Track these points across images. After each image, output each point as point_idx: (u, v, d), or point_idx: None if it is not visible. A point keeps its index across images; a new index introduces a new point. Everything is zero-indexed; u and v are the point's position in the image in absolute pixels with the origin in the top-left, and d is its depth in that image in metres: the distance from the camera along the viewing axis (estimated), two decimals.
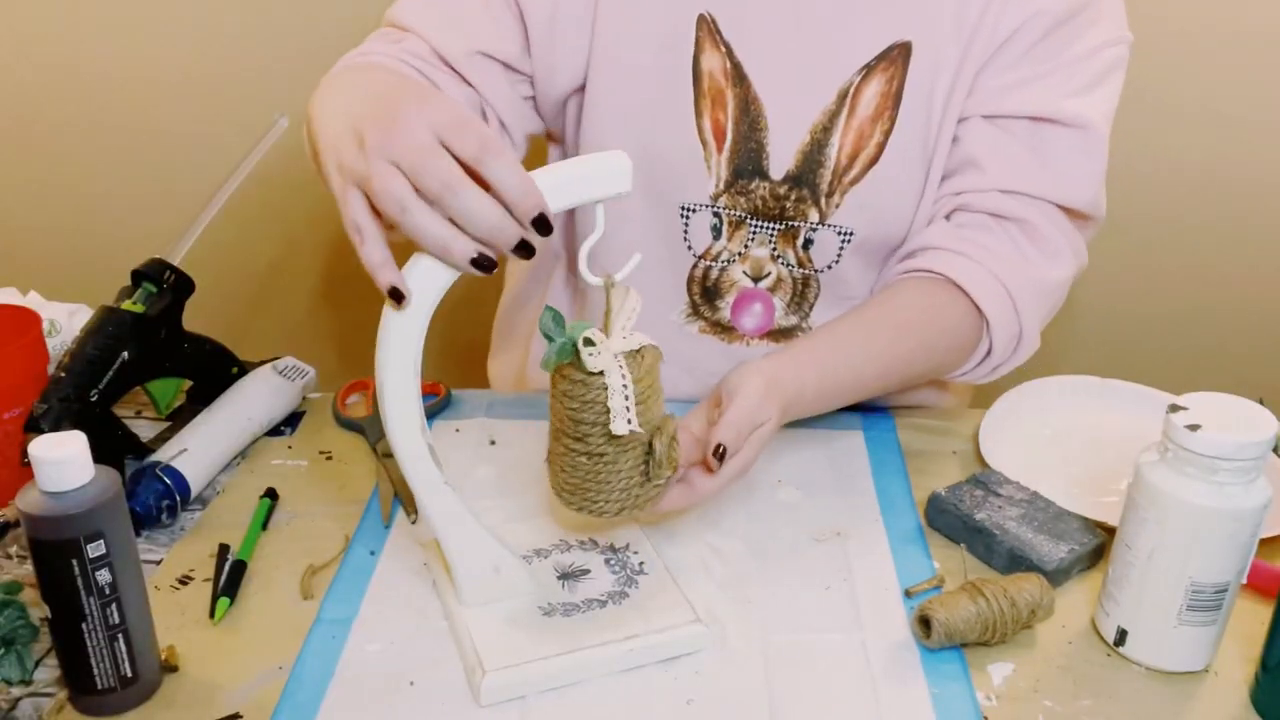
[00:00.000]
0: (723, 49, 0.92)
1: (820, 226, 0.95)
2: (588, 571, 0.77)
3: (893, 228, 0.95)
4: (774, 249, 0.97)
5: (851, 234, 0.95)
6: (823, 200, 0.94)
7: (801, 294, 0.99)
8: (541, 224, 0.63)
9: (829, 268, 0.97)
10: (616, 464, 0.70)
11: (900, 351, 0.89)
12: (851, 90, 0.92)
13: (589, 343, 0.67)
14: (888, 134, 0.92)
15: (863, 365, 0.87)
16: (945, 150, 0.93)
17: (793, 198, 0.94)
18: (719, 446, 0.74)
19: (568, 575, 0.77)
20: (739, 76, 0.92)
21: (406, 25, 0.93)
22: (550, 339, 0.68)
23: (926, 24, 0.91)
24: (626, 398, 0.68)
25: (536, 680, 0.69)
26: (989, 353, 0.93)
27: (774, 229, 0.96)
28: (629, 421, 0.67)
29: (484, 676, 0.68)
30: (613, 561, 0.78)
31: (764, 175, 0.94)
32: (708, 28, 0.92)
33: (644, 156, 0.93)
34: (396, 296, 0.63)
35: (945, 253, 0.92)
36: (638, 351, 0.69)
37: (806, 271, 0.98)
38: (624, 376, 0.67)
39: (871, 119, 0.92)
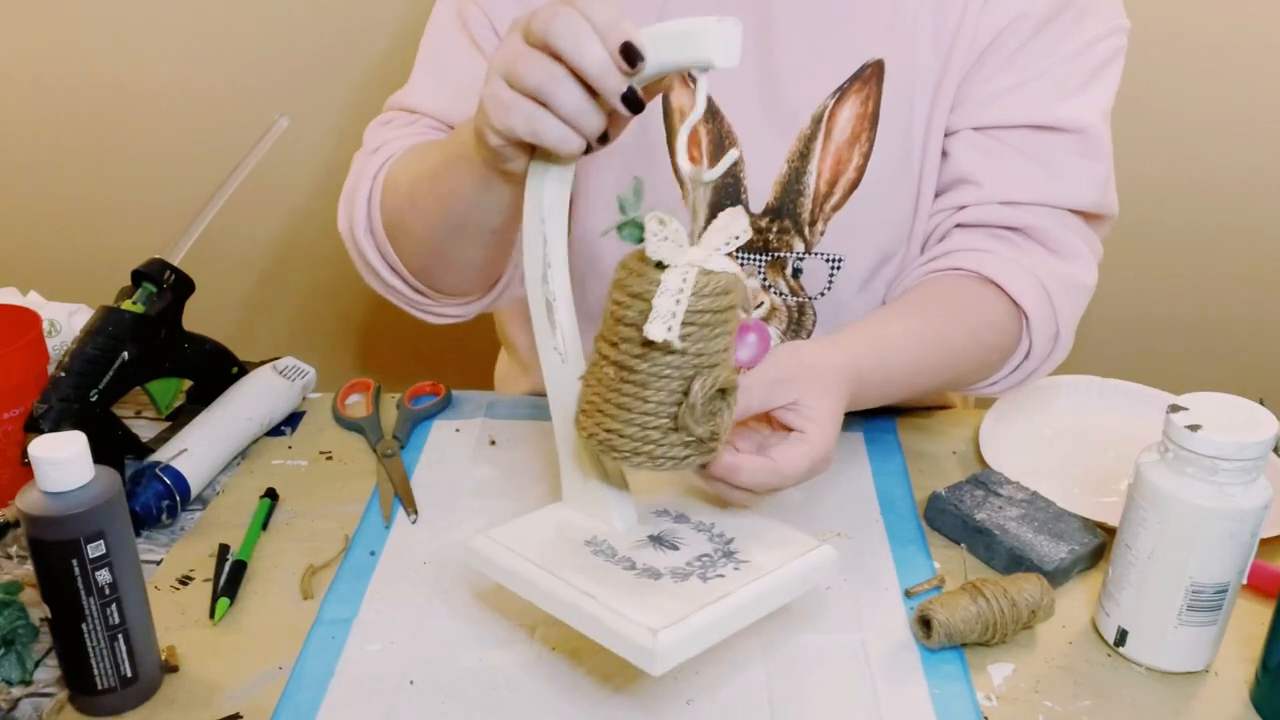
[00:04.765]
0: (691, 84, 0.90)
1: (807, 255, 0.94)
2: (680, 539, 0.71)
3: (883, 250, 0.94)
4: (764, 279, 0.95)
5: (841, 260, 0.94)
6: (806, 229, 0.93)
7: (798, 320, 0.97)
8: (629, 53, 0.61)
9: (822, 294, 0.96)
10: (644, 390, 0.62)
11: (954, 342, 0.86)
12: (826, 114, 0.90)
13: (663, 224, 0.60)
14: (867, 156, 0.91)
15: (919, 352, 0.84)
16: (935, 166, 0.91)
17: (775, 229, 0.93)
18: None
19: (660, 541, 0.71)
20: (710, 111, 0.91)
21: (417, 108, 0.93)
22: (623, 211, 0.62)
23: (900, 39, 0.89)
24: (678, 302, 0.59)
25: (706, 632, 0.62)
26: (1028, 354, 0.90)
27: (761, 260, 0.95)
28: (669, 329, 0.58)
29: (656, 636, 0.60)
30: (701, 530, 0.72)
31: (743, 210, 0.93)
32: None
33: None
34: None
35: (972, 253, 0.89)
36: (715, 273, 0.61)
37: (800, 299, 0.96)
38: (685, 280, 0.60)
39: (848, 142, 0.90)
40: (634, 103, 0.63)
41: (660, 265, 0.62)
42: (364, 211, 0.89)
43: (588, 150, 0.67)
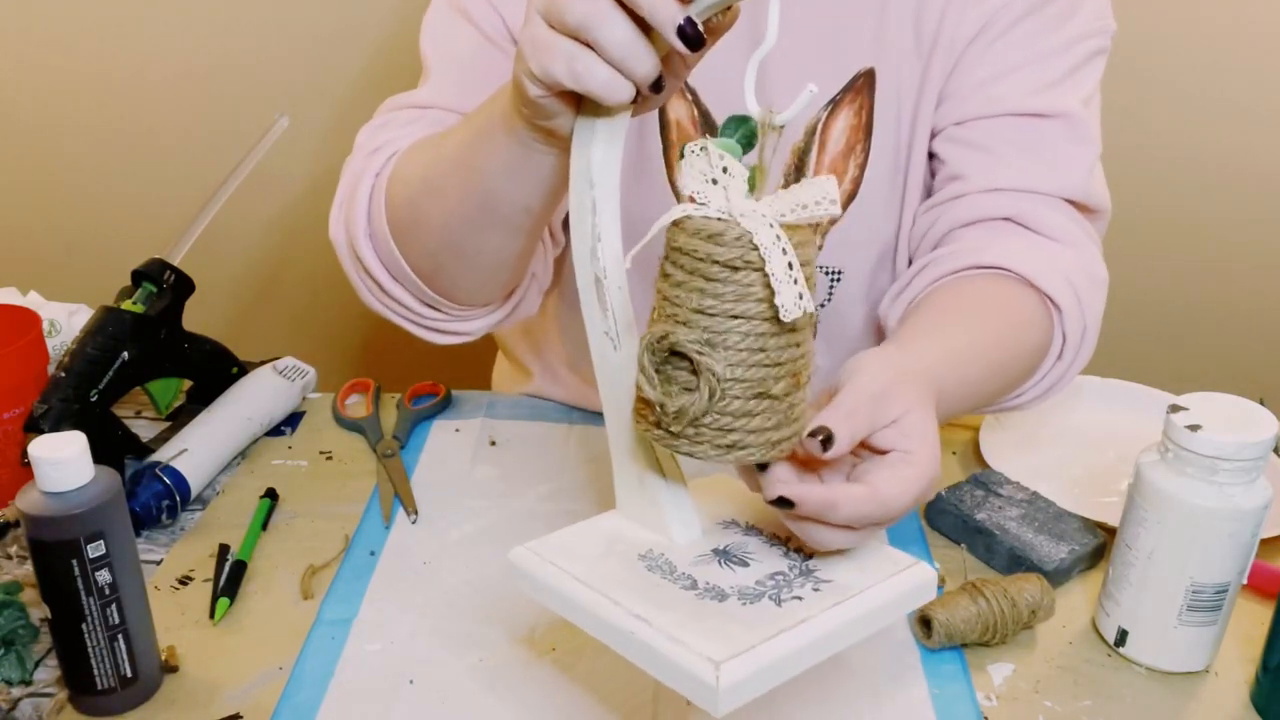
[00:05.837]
0: (689, 96, 0.89)
1: None
2: (750, 554, 0.62)
3: (879, 259, 0.93)
4: None
5: (840, 273, 0.93)
6: None
7: None
8: (687, 36, 0.55)
9: (821, 307, 0.94)
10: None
11: (1007, 347, 0.79)
12: (819, 127, 0.89)
13: (707, 156, 0.54)
14: (862, 167, 0.90)
15: (990, 359, 0.77)
16: (920, 169, 0.90)
17: None
18: (820, 429, 0.57)
19: (727, 557, 0.62)
20: (708, 125, 0.90)
21: (428, 102, 0.87)
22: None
23: (886, 46, 0.88)
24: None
25: (779, 665, 0.54)
26: (1060, 354, 0.84)
27: None
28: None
29: (718, 669, 0.52)
30: (775, 544, 0.63)
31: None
32: None
33: (622, 213, 0.92)
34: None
35: (982, 250, 0.84)
36: (714, 217, 0.54)
37: None
38: (684, 211, 0.54)
39: (843, 154, 0.90)
40: (692, 38, 0.55)
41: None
42: (363, 211, 0.82)
43: (641, 100, 0.59)
